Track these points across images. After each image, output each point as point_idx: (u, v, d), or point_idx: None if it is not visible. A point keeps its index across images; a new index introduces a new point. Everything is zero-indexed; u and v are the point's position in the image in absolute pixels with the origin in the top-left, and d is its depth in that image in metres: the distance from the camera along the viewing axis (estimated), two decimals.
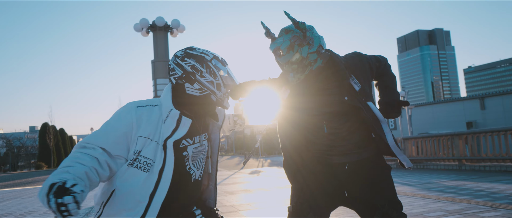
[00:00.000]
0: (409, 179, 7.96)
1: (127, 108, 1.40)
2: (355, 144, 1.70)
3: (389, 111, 1.78)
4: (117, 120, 1.36)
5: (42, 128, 49.57)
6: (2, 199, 9.81)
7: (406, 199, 5.09)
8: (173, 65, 1.50)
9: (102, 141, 1.31)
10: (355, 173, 1.70)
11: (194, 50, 1.50)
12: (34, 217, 6.01)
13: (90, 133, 1.37)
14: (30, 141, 67.68)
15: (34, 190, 12.17)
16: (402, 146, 11.77)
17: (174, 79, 1.49)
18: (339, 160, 1.70)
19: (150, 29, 11.25)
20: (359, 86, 1.67)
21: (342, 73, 1.66)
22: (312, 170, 1.72)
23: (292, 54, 1.58)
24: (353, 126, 1.70)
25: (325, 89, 1.69)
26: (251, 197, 6.42)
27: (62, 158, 50.38)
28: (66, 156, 1.29)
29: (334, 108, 1.67)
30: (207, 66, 1.48)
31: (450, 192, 5.54)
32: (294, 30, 1.61)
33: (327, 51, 1.70)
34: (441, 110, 32.87)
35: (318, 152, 1.73)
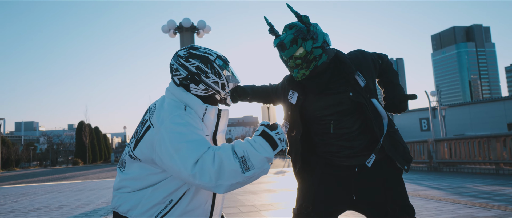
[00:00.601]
0: (440, 182, 7.60)
1: (187, 112, 1.36)
2: (365, 146, 1.65)
3: (396, 105, 1.75)
4: (190, 124, 1.33)
5: (78, 126, 52.21)
6: (40, 192, 10.43)
7: (434, 203, 4.86)
8: (176, 65, 1.47)
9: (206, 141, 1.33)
10: (365, 176, 1.65)
11: (197, 50, 1.48)
12: (67, 210, 6.33)
13: (188, 146, 1.27)
14: (68, 138, 71.51)
15: (69, 185, 12.83)
16: (434, 147, 11.27)
17: (178, 80, 1.47)
18: (349, 163, 1.66)
19: (177, 30, 11.47)
20: (365, 82, 1.64)
21: (348, 67, 1.63)
22: (319, 173, 1.69)
23: (295, 48, 1.54)
24: (363, 126, 1.65)
25: (332, 88, 1.65)
26: (274, 197, 6.40)
27: (97, 155, 52.85)
28: (100, 154, 1.33)
29: (342, 106, 1.63)
30: (212, 66, 1.46)
31: (484, 197, 5.23)
32: (298, 25, 1.58)
33: (333, 49, 1.66)
34: (479, 110, 31.13)
35: (327, 154, 1.70)
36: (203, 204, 1.43)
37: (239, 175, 1.24)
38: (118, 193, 1.44)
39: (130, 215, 1.37)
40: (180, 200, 1.37)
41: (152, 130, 1.36)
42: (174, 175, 1.32)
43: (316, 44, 1.54)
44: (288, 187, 7.80)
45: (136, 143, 1.41)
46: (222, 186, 1.23)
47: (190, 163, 1.23)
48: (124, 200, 1.41)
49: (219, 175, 1.22)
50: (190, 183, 1.26)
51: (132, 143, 1.44)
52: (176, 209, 1.36)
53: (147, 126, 1.40)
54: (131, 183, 1.40)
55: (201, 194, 1.43)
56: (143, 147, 1.37)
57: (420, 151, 12.08)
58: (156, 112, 1.41)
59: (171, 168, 1.28)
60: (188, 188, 1.39)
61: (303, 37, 1.53)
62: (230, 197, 6.69)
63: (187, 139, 1.28)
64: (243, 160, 1.25)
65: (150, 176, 1.38)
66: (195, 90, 1.47)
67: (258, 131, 1.35)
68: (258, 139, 1.31)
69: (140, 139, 1.40)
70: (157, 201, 1.36)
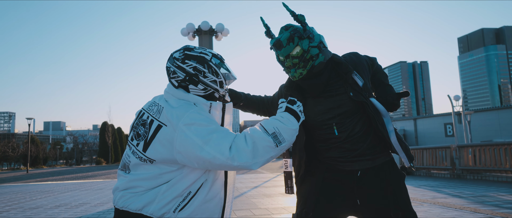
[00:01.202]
0: (462, 190, 7.31)
1: (199, 108, 1.43)
2: (368, 149, 1.62)
3: (390, 104, 1.72)
4: (210, 118, 1.40)
5: (102, 127, 53.81)
6: (63, 190, 10.82)
7: (453, 212, 4.68)
8: (173, 68, 1.48)
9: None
10: (368, 181, 1.62)
11: (192, 51, 1.49)
12: (86, 208, 6.53)
13: (218, 135, 1.36)
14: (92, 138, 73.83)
15: (91, 184, 13.23)
16: (457, 154, 10.86)
17: (177, 82, 1.49)
18: (351, 167, 1.63)
19: (195, 33, 11.65)
20: (363, 81, 1.63)
21: (345, 67, 1.62)
22: (321, 178, 1.67)
23: (292, 47, 1.53)
24: (365, 127, 1.62)
25: (331, 90, 1.64)
26: (288, 201, 6.35)
27: (119, 155, 54.21)
28: (122, 153, 1.39)
29: (342, 108, 1.61)
30: (208, 66, 1.47)
31: (508, 207, 4.99)
32: (294, 25, 1.58)
33: (329, 51, 1.65)
34: (509, 116, 29.73)
35: (329, 159, 1.67)
36: (219, 193, 1.49)
37: (273, 149, 1.37)
38: (126, 193, 1.43)
39: (146, 211, 1.38)
40: (198, 191, 1.42)
41: (166, 128, 1.37)
42: (202, 165, 1.35)
43: (313, 43, 1.53)
44: None
45: (145, 145, 1.41)
46: (259, 163, 1.35)
47: (225, 149, 1.32)
48: (135, 198, 1.41)
49: (255, 153, 1.35)
50: (228, 166, 1.33)
51: (139, 145, 1.43)
52: (195, 200, 1.41)
53: (156, 125, 1.40)
54: (144, 183, 1.41)
55: (217, 184, 1.49)
56: (158, 146, 1.38)
57: (442, 157, 11.66)
58: (164, 111, 1.41)
59: (200, 159, 1.32)
60: (206, 179, 1.44)
61: (300, 35, 1.52)
62: (244, 200, 6.70)
63: (213, 130, 1.35)
64: (275, 136, 1.38)
65: (164, 175, 1.40)
66: (194, 90, 1.48)
67: (282, 108, 1.50)
68: (284, 115, 1.46)
69: (150, 140, 1.40)
70: (175, 195, 1.39)
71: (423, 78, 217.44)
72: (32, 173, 29.26)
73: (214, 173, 1.48)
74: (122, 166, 1.53)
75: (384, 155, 1.65)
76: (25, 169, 37.73)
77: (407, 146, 1.69)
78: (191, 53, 1.48)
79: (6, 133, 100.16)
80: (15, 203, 7.83)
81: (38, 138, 67.99)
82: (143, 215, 1.39)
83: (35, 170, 40.78)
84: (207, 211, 1.45)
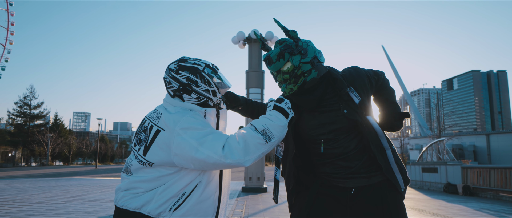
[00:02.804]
0: None
1: (195, 113, 1.54)
2: (363, 166, 1.55)
3: (392, 124, 1.65)
4: (205, 122, 1.51)
5: None
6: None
7: None
8: (169, 78, 1.58)
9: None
10: (363, 200, 1.55)
11: (186, 62, 1.58)
12: None
13: (212, 137, 1.45)
14: None
15: None
16: None
17: (172, 92, 1.58)
18: (345, 184, 1.57)
19: (245, 41, 11.94)
20: (359, 99, 1.56)
21: (340, 83, 1.57)
22: (313, 194, 1.62)
23: (282, 63, 1.52)
24: (360, 146, 1.55)
25: (325, 106, 1.59)
26: None
27: None
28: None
29: (336, 124, 1.56)
30: (201, 75, 1.55)
31: None
32: (287, 40, 1.56)
33: (325, 66, 1.60)
34: None
35: (323, 175, 1.63)
36: (213, 194, 1.56)
37: (264, 146, 1.45)
38: (127, 194, 1.54)
39: (144, 210, 1.48)
40: (192, 192, 1.50)
41: (164, 133, 1.48)
42: (198, 166, 1.43)
43: (305, 59, 1.51)
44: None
45: (145, 149, 1.51)
46: (250, 159, 1.43)
47: (218, 148, 1.40)
48: (134, 198, 1.51)
49: (247, 151, 1.42)
50: (222, 164, 1.41)
51: (140, 150, 1.54)
52: (189, 200, 1.49)
53: (155, 130, 1.50)
54: (144, 185, 1.51)
55: (211, 185, 1.55)
56: (157, 150, 1.48)
57: None
58: (162, 117, 1.51)
59: (196, 160, 1.41)
60: (200, 181, 1.51)
61: (291, 51, 1.51)
62: (253, 206, 6.64)
63: (207, 132, 1.44)
64: (265, 133, 1.45)
65: (162, 178, 1.50)
66: (188, 99, 1.56)
67: (270, 107, 1.56)
68: (273, 112, 1.52)
69: (150, 144, 1.50)
70: (170, 195, 1.48)
71: (501, 89, 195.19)
72: (100, 169, 32.21)
73: (208, 175, 1.55)
74: (124, 169, 1.64)
75: (381, 174, 1.57)
76: (94, 165, 41.64)
77: (404, 168, 1.60)
78: (184, 64, 1.57)
79: (82, 131, 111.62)
80: (79, 195, 8.69)
81: (107, 137, 74.74)
82: (142, 213, 1.49)
83: (103, 166, 44.79)
84: (201, 211, 1.52)
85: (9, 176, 17.23)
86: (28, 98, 41.44)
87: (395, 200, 1.54)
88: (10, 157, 34.99)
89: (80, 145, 51.23)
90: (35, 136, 39.53)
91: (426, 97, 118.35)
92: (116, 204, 1.57)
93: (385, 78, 1.74)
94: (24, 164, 38.80)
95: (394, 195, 1.55)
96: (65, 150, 43.39)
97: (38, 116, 42.06)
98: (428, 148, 18.27)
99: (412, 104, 65.85)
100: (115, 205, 1.59)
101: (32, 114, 41.47)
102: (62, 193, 9.18)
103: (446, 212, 7.59)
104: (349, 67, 1.71)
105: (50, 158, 41.23)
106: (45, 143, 39.53)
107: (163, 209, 1.47)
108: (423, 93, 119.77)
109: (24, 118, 41.19)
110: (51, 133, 39.92)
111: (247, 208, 6.93)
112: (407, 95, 66.50)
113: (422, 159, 18.68)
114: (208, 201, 1.54)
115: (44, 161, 40.53)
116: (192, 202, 1.50)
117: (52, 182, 12.97)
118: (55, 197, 8.12)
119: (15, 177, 16.82)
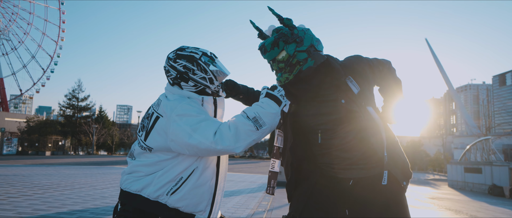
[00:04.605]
0: None
1: (192, 100, 1.58)
2: (362, 158, 1.50)
3: (393, 116, 1.60)
4: (200, 110, 1.55)
5: None
6: None
7: None
8: (167, 67, 1.63)
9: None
10: (361, 191, 1.51)
11: (184, 51, 1.62)
12: None
13: (206, 124, 1.48)
14: None
15: None
16: None
17: (171, 80, 1.63)
18: (344, 175, 1.54)
19: None
20: (358, 89, 1.51)
21: (337, 72, 1.52)
22: (312, 183, 1.60)
23: (277, 51, 1.48)
24: (359, 136, 1.50)
25: (323, 95, 1.55)
26: None
27: None
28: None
29: (334, 115, 1.52)
30: (197, 64, 1.59)
31: None
32: (283, 29, 1.52)
33: (323, 55, 1.56)
34: None
35: (323, 165, 1.61)
36: (209, 180, 1.61)
37: (255, 133, 1.47)
38: (130, 177, 1.64)
39: (144, 193, 1.57)
40: (189, 177, 1.56)
41: (162, 119, 1.55)
42: (192, 152, 1.49)
43: (301, 48, 1.47)
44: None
45: (146, 134, 1.60)
46: (241, 146, 1.45)
47: (210, 134, 1.45)
48: (136, 181, 1.60)
49: (237, 138, 1.45)
50: (213, 150, 1.45)
51: (142, 136, 1.63)
52: (186, 185, 1.55)
53: (155, 117, 1.59)
54: (144, 169, 1.60)
55: (207, 172, 1.60)
56: (155, 135, 1.56)
57: None
58: (161, 104, 1.59)
59: (189, 146, 1.46)
60: (196, 167, 1.57)
61: (286, 40, 1.48)
62: None
63: (201, 119, 1.49)
64: (256, 120, 1.47)
65: (161, 162, 1.58)
66: (186, 87, 1.61)
67: (263, 94, 1.57)
68: (264, 100, 1.54)
69: (150, 130, 1.59)
70: (168, 179, 1.55)
71: None
72: None
73: (205, 161, 1.59)
74: (129, 154, 1.74)
75: (382, 166, 1.51)
76: None
77: (405, 162, 1.53)
78: (182, 53, 1.61)
79: (125, 123, 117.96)
80: (115, 182, 9.21)
81: None
82: (142, 196, 1.56)
83: None
84: (197, 196, 1.57)
85: (58, 163, 18.65)
86: (76, 91, 44.35)
87: (394, 193, 1.49)
88: (61, 146, 37.78)
89: (122, 136, 53.99)
90: (82, 127, 42.34)
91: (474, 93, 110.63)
92: (121, 186, 1.66)
93: (391, 67, 1.67)
94: (73, 153, 41.70)
95: (394, 188, 1.50)
96: (109, 140, 45.99)
97: (85, 108, 44.90)
98: (472, 147, 17.16)
99: (458, 101, 61.92)
100: (120, 187, 1.68)
101: (80, 106, 44.35)
102: (101, 180, 9.78)
103: (486, 215, 7.11)
104: (351, 55, 1.66)
105: (95, 148, 43.94)
106: (91, 133, 42.21)
107: (161, 192, 1.54)
108: (471, 89, 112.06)
109: (72, 109, 44.18)
110: (96, 124, 42.54)
111: (273, 201, 6.97)
112: (452, 91, 62.56)
113: (466, 159, 17.59)
114: (204, 186, 1.59)
115: (90, 150, 43.27)
116: (189, 186, 1.55)
117: (94, 170, 13.84)
118: (95, 184, 8.68)
119: (63, 164, 18.16)
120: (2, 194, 6.10)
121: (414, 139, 53.40)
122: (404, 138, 61.34)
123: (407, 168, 1.54)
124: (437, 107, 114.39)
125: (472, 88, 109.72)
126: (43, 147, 34.64)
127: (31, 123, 39.85)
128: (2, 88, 53.23)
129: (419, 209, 7.80)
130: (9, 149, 32.41)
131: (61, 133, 40.70)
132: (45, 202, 5.50)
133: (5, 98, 53.46)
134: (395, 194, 1.49)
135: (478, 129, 42.96)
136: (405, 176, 1.52)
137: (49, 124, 40.70)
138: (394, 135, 1.58)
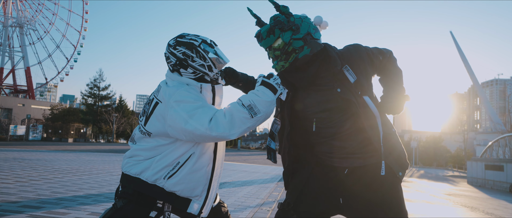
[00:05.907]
0: None
1: (191, 87, 1.61)
2: (358, 147, 1.51)
3: (391, 106, 1.57)
4: (198, 96, 1.58)
5: None
6: None
7: None
8: (167, 54, 1.67)
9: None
10: (356, 180, 1.51)
11: (183, 38, 1.65)
12: None
13: (202, 111, 1.50)
14: None
15: None
16: None
17: (171, 66, 1.67)
18: (340, 164, 1.55)
19: None
20: (355, 78, 1.50)
21: (334, 60, 1.51)
22: (308, 172, 1.62)
23: (273, 39, 1.49)
24: (355, 126, 1.50)
25: (320, 84, 1.55)
26: None
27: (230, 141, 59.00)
28: (231, 140, 1.77)
29: (330, 103, 1.52)
30: (196, 51, 1.62)
31: None
32: (280, 16, 1.53)
33: (320, 43, 1.55)
34: None
35: (320, 154, 1.62)
36: (206, 166, 1.65)
37: (249, 120, 1.48)
38: (131, 161, 1.71)
39: (143, 176, 1.63)
40: (186, 162, 1.61)
41: (161, 105, 1.60)
42: (188, 137, 1.52)
43: (297, 35, 1.48)
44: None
45: (146, 119, 1.66)
46: (236, 133, 1.48)
47: (205, 121, 1.48)
48: (136, 165, 1.67)
49: (232, 125, 1.47)
50: (208, 136, 1.48)
51: (142, 121, 1.70)
52: (182, 170, 1.60)
53: (155, 103, 1.64)
54: (143, 153, 1.66)
55: (204, 157, 1.65)
56: (154, 121, 1.62)
57: None
58: (161, 90, 1.63)
59: (186, 131, 1.50)
60: (193, 152, 1.61)
61: (281, 27, 1.48)
62: None
63: (198, 105, 1.52)
64: (251, 108, 1.49)
65: (159, 147, 1.63)
66: (185, 74, 1.65)
67: (258, 82, 1.57)
68: (260, 88, 1.54)
69: (150, 115, 1.65)
70: (166, 164, 1.61)
71: None
72: None
73: (202, 147, 1.63)
74: (130, 138, 1.80)
75: (378, 156, 1.51)
76: None
77: (402, 152, 1.52)
78: (182, 40, 1.64)
79: None
80: None
81: None
82: (141, 179, 1.62)
83: None
84: (193, 181, 1.62)
85: (79, 150, 19.34)
86: (97, 80, 45.55)
87: (390, 183, 1.49)
88: (82, 133, 39.11)
89: None
90: (103, 115, 43.59)
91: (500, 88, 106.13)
92: (122, 169, 1.73)
93: (392, 57, 1.65)
94: (93, 140, 43.08)
95: (389, 178, 1.49)
96: (128, 129, 47.16)
97: (106, 97, 46.12)
98: (494, 143, 16.58)
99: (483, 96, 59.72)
100: (121, 170, 1.75)
101: (101, 95, 45.58)
102: (119, 167, 10.08)
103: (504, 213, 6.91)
104: (350, 44, 1.65)
105: (115, 136, 45.18)
106: (111, 122, 43.38)
107: (159, 176, 1.59)
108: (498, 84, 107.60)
109: (94, 98, 45.48)
110: (116, 113, 43.67)
111: (284, 192, 7.00)
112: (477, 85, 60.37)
113: (487, 156, 17.05)
114: (200, 171, 1.63)
115: (110, 138, 44.56)
116: (185, 171, 1.60)
117: (113, 157, 14.27)
118: (112, 170, 8.97)
119: (84, 150, 18.82)
120: (24, 176, 6.42)
121: (434, 135, 52.06)
122: (424, 133, 59.73)
123: (403, 158, 1.53)
124: (460, 103, 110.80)
125: (498, 83, 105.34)
126: (66, 134, 35.97)
127: (55, 111, 41.35)
128: (28, 76, 55.27)
129: (433, 205, 7.66)
130: (35, 135, 33.81)
131: (83, 121, 42.02)
132: (64, 185, 5.74)
133: (31, 86, 55.53)
134: (390, 184, 1.49)
135: (503, 126, 41.38)
136: (401, 167, 1.51)
137: (72, 112, 42.09)
138: (391, 125, 1.57)
